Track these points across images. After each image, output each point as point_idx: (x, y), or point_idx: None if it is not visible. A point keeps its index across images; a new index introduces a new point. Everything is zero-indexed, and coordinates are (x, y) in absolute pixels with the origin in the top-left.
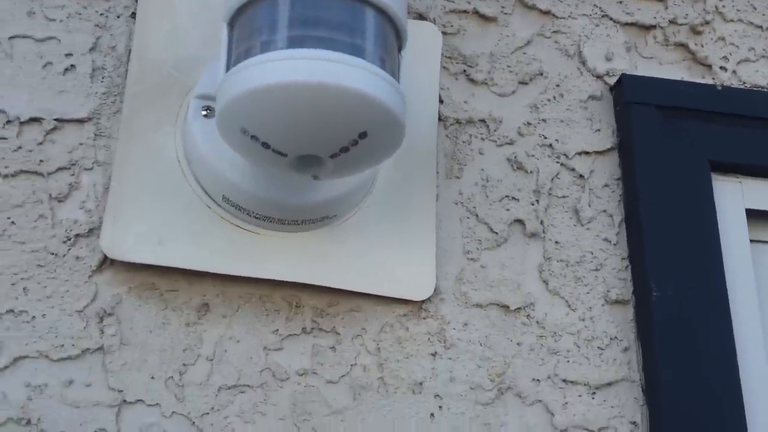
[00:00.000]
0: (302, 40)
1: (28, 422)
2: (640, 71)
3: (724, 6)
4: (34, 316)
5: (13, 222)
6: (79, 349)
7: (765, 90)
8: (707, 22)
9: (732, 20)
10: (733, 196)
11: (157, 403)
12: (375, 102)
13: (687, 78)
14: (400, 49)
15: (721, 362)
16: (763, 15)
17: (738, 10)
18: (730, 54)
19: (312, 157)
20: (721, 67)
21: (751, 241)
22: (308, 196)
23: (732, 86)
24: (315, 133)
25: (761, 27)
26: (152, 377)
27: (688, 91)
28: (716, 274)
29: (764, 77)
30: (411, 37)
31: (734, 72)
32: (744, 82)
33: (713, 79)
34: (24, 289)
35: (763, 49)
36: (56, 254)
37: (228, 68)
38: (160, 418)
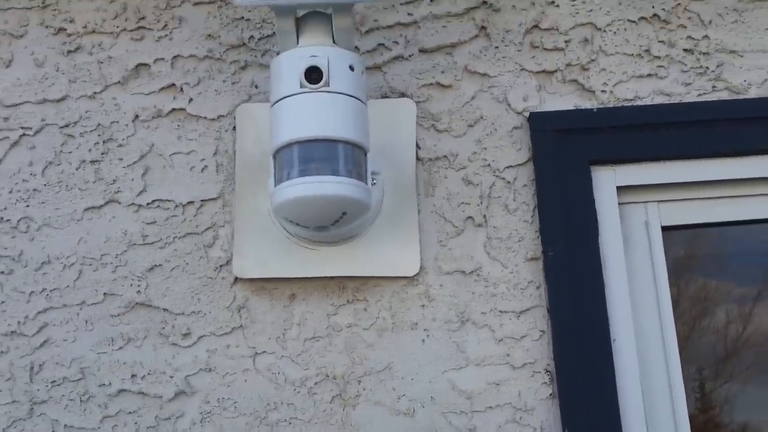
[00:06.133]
0: (305, 171)
1: (210, 369)
2: (547, 104)
3: (606, 45)
4: (204, 313)
5: (187, 263)
6: (230, 327)
7: (629, 105)
8: (593, 60)
9: (611, 54)
10: (607, 179)
11: (273, 352)
12: (345, 198)
13: (578, 102)
14: (365, 153)
15: (591, 289)
16: (634, 45)
17: (616, 46)
18: (609, 80)
19: (321, 226)
20: (602, 91)
21: (620, 204)
22: (340, 230)
23: (606, 107)
24: (318, 217)
25: (632, 55)
26: (269, 338)
27: (574, 116)
28: (592, 233)
29: (632, 92)
30: (396, 108)
31: (611, 92)
32: (618, 98)
33: (596, 100)
34: (198, 299)
35: (633, 71)
36: (212, 278)
37: (275, 184)
38: (276, 359)
